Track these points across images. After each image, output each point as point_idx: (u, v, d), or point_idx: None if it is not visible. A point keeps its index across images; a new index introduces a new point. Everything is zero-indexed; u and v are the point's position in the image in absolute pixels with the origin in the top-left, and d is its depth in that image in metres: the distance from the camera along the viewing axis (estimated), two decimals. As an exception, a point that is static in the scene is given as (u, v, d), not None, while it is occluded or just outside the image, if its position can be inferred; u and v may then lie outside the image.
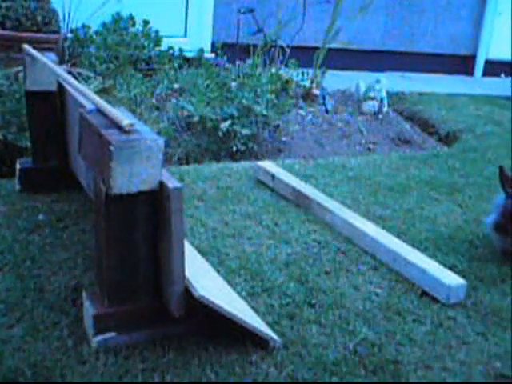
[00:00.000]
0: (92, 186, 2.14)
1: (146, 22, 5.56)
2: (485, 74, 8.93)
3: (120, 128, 1.82)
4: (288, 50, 5.81)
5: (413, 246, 2.82)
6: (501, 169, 2.82)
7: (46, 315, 2.12)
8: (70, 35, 5.21)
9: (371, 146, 4.90)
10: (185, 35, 6.42)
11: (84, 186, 2.76)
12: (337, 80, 6.30)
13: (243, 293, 2.35)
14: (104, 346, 1.96)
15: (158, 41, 5.56)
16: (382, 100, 5.56)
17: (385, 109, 5.57)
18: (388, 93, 5.79)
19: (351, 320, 2.26)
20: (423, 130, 5.57)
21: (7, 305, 2.18)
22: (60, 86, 3.03)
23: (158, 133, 4.10)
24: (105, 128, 1.84)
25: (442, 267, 2.58)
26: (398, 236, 2.92)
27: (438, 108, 6.08)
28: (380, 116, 5.48)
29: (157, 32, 5.60)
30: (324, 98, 5.50)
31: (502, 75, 9.13)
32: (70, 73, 4.62)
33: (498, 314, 2.40)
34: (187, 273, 1.90)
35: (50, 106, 3.09)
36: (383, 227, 3.01)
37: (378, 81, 5.63)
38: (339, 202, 3.29)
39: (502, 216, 2.81)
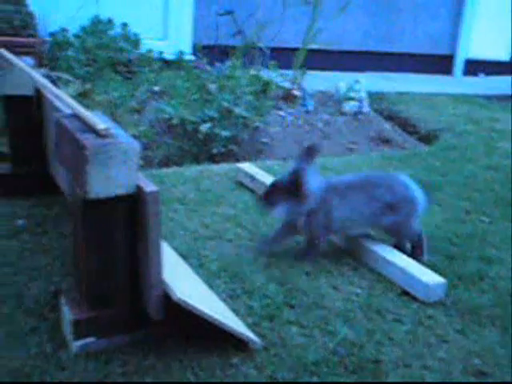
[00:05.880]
0: (70, 191, 2.13)
1: (124, 25, 5.56)
2: (464, 73, 9.01)
3: (96, 132, 1.82)
4: (268, 52, 5.82)
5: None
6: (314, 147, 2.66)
7: (24, 321, 2.10)
8: (48, 39, 5.19)
9: (352, 146, 4.92)
10: (164, 38, 6.40)
11: (63, 190, 2.75)
12: (317, 81, 6.32)
13: (223, 295, 2.35)
14: (84, 350, 1.95)
15: (137, 43, 5.55)
16: (361, 100, 5.58)
17: (365, 109, 5.60)
18: (368, 93, 5.81)
19: (331, 320, 2.27)
20: (403, 129, 5.60)
21: (-15, 312, 2.16)
22: (37, 90, 3.01)
23: (138, 136, 4.10)
24: (80, 132, 1.83)
25: (421, 266, 2.59)
26: (378, 236, 2.93)
27: (418, 107, 6.12)
28: (360, 116, 5.50)
29: (136, 34, 5.60)
30: (304, 99, 5.51)
31: (481, 74, 9.21)
32: (48, 76, 4.59)
33: (477, 311, 2.41)
34: (166, 276, 1.89)
35: (28, 110, 3.07)
36: (363, 227, 3.01)
37: (357, 81, 5.66)
38: (319, 202, 3.29)
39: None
